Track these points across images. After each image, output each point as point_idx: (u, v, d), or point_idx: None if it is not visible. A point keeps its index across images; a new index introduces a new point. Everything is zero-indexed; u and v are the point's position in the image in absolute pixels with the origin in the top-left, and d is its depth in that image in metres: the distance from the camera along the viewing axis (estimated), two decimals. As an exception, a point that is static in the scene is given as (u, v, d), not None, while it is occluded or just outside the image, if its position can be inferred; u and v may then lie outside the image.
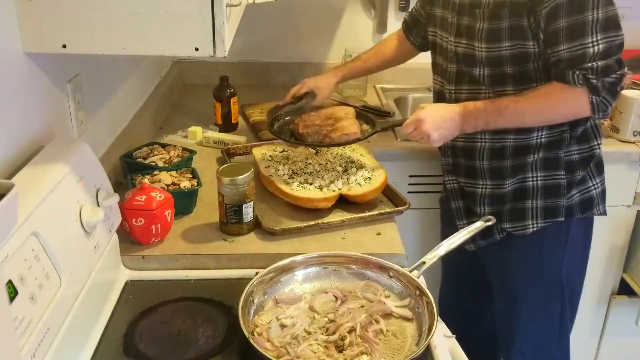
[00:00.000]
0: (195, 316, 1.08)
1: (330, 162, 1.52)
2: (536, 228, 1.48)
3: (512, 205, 1.50)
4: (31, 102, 1.05)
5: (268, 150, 1.60)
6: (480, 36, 1.39)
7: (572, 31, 1.28)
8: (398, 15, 2.28)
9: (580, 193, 1.49)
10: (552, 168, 1.46)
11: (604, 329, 2.17)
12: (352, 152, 1.59)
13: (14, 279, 0.78)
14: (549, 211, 1.47)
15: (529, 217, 1.49)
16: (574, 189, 1.48)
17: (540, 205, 1.48)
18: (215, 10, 0.94)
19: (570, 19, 1.27)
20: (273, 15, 2.25)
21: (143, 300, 1.13)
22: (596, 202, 1.52)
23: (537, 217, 1.48)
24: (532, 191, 1.48)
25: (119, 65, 1.61)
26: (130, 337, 1.03)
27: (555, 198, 1.47)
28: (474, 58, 1.42)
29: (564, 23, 1.28)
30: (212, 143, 1.76)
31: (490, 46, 1.38)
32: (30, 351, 0.80)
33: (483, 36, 1.38)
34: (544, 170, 1.47)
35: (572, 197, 1.48)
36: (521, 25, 1.33)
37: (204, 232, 1.30)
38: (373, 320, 1.05)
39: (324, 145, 1.51)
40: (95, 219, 1.00)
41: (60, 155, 1.00)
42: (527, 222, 1.49)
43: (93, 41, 0.97)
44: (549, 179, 1.47)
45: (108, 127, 1.51)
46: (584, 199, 1.50)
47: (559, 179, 1.46)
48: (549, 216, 1.48)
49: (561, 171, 1.46)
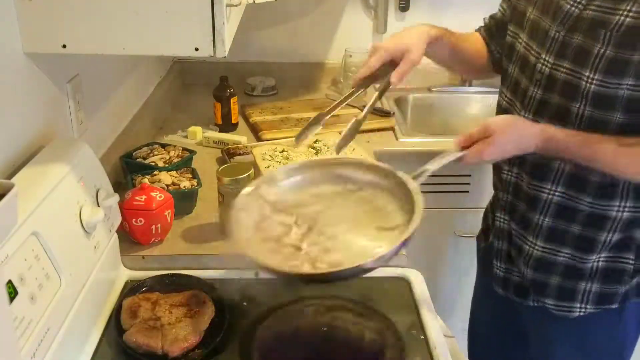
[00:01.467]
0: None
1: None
2: (583, 314, 1.22)
3: (562, 281, 1.23)
4: (31, 102, 1.05)
5: (268, 150, 1.60)
6: (595, 65, 1.07)
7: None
8: (398, 15, 2.28)
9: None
10: (621, 249, 1.18)
11: (604, 329, 2.16)
12: (352, 151, 1.57)
13: (14, 279, 0.78)
14: (603, 297, 1.21)
15: (577, 300, 1.22)
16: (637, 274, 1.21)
17: (595, 289, 1.21)
18: (215, 10, 0.94)
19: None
20: (273, 15, 2.25)
21: (143, 300, 1.13)
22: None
23: (588, 302, 1.22)
24: (589, 272, 1.20)
25: (119, 65, 1.61)
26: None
27: (615, 284, 1.21)
28: (577, 90, 1.09)
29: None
30: (212, 143, 1.76)
31: (606, 80, 1.06)
32: (30, 351, 0.80)
33: (600, 66, 1.06)
34: (611, 250, 1.18)
35: (632, 281, 1.21)
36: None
37: (204, 232, 1.29)
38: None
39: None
40: (95, 219, 1.00)
41: (60, 155, 1.00)
42: (575, 304, 1.22)
43: (93, 41, 0.97)
44: (614, 262, 1.19)
45: (108, 127, 1.51)
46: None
47: (626, 263, 1.19)
48: (602, 302, 1.21)
49: (631, 254, 1.19)
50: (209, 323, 1.02)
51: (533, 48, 1.18)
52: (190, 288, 1.10)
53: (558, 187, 1.17)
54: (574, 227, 1.18)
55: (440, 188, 1.86)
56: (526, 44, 1.21)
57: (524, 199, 1.23)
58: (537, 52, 1.17)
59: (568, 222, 1.18)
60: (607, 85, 1.06)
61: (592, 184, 1.14)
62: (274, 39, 2.30)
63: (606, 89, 1.06)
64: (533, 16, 1.19)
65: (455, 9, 2.19)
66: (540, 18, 1.17)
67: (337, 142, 1.16)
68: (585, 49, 1.08)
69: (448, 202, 1.89)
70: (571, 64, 1.10)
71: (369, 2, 2.26)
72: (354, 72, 2.17)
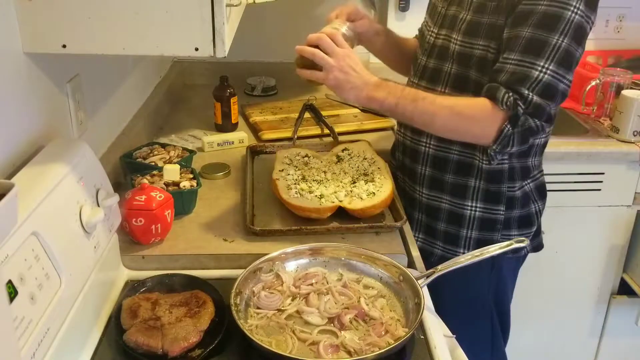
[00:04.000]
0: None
1: (344, 173, 1.47)
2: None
3: (447, 226, 1.45)
4: (31, 102, 1.05)
5: (290, 154, 1.57)
6: (459, 27, 1.33)
7: (531, 44, 1.20)
8: (398, 15, 2.29)
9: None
10: (492, 200, 1.40)
11: (604, 329, 2.17)
12: (372, 164, 1.51)
13: (14, 279, 0.78)
14: (482, 244, 1.28)
15: (460, 245, 1.44)
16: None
17: (475, 236, 1.43)
18: (215, 10, 0.94)
19: (535, 31, 1.20)
20: (273, 15, 2.25)
21: (143, 300, 1.13)
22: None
23: (469, 248, 1.42)
24: (468, 219, 1.42)
25: (119, 65, 1.61)
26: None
27: (490, 232, 1.42)
28: (447, 51, 1.35)
29: (528, 32, 1.20)
30: (216, 146, 1.74)
31: (465, 40, 1.32)
32: (30, 351, 0.80)
33: (462, 27, 1.32)
34: (484, 201, 1.40)
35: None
36: (499, 25, 1.26)
37: (204, 232, 1.29)
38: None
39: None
40: (95, 219, 1.00)
41: (60, 155, 1.00)
42: (459, 249, 1.44)
43: (93, 41, 0.97)
44: (488, 212, 1.41)
45: (108, 127, 1.51)
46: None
47: (497, 214, 1.41)
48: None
49: (501, 206, 1.40)
50: (209, 323, 1.02)
51: (429, 25, 1.46)
52: (190, 288, 1.10)
53: (432, 139, 1.41)
54: (448, 176, 1.42)
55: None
56: (427, 24, 1.48)
57: (409, 154, 1.49)
58: (429, 27, 1.44)
59: (442, 170, 1.42)
60: (464, 44, 1.32)
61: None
62: (274, 39, 2.30)
63: (464, 47, 1.32)
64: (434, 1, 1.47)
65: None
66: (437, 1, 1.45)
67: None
68: (455, 16, 1.35)
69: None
70: (446, 31, 1.37)
71: (369, 1, 2.26)
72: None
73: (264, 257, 1.15)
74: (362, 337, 1.00)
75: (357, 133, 1.86)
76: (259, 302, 1.07)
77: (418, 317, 0.99)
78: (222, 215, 1.36)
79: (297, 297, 1.09)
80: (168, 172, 1.34)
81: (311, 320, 1.04)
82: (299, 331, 1.01)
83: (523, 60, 1.21)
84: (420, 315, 1.00)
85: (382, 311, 1.06)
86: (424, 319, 1.06)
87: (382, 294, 1.11)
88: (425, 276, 1.12)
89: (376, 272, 1.15)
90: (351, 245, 1.20)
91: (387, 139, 1.85)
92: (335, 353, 0.97)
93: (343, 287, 1.11)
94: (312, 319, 1.04)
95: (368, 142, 1.65)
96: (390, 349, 0.94)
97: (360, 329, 1.03)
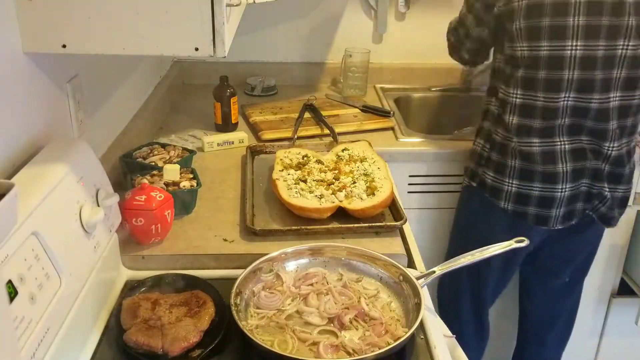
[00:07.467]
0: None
1: (344, 173, 1.47)
2: (465, 184, 1.71)
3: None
4: (31, 102, 1.05)
5: (291, 154, 1.57)
6: (629, 34, 1.44)
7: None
8: (398, 15, 2.29)
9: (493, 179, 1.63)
10: (477, 135, 1.67)
11: (604, 329, 2.17)
12: (372, 164, 1.52)
13: (14, 279, 0.78)
14: (473, 175, 1.67)
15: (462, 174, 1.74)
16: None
17: (469, 166, 1.69)
18: (215, 10, 0.94)
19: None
20: (273, 15, 2.25)
21: (143, 300, 1.12)
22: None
23: (466, 176, 1.70)
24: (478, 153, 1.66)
25: (119, 65, 1.61)
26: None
27: (476, 165, 1.66)
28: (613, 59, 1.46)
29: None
30: (216, 146, 1.74)
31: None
32: (30, 351, 0.80)
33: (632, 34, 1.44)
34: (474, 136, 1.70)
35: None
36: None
37: (204, 232, 1.29)
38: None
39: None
40: (95, 219, 1.00)
41: (60, 155, 1.00)
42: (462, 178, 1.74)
43: (93, 41, 0.97)
44: (475, 145, 1.68)
45: (108, 127, 1.51)
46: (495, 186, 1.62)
47: (482, 149, 1.63)
48: (472, 178, 1.68)
49: (481, 140, 1.64)
50: (209, 323, 1.02)
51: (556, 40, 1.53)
52: (190, 288, 1.10)
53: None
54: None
55: (442, 188, 1.87)
56: (559, 45, 1.53)
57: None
58: (574, 44, 1.51)
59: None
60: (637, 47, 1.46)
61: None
62: (274, 39, 2.30)
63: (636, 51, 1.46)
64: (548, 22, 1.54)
65: (455, 9, 2.18)
66: (555, 20, 1.50)
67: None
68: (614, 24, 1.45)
69: (448, 202, 1.89)
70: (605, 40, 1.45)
71: (369, 2, 2.26)
72: (353, 72, 2.17)
73: (264, 257, 1.15)
74: (362, 337, 1.00)
75: (357, 133, 1.86)
76: (259, 302, 1.08)
77: (418, 317, 0.99)
78: (222, 215, 1.36)
79: (297, 297, 1.09)
80: (168, 172, 1.35)
81: (311, 320, 1.04)
82: (299, 331, 1.01)
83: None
84: (420, 315, 1.00)
85: (382, 311, 1.06)
86: (424, 319, 1.06)
87: (382, 294, 1.12)
88: (425, 276, 1.12)
89: (376, 272, 1.15)
90: (351, 246, 1.20)
91: (387, 139, 1.86)
92: (335, 353, 0.97)
93: (343, 287, 1.11)
94: (312, 319, 1.04)
95: (368, 142, 1.65)
96: (390, 349, 0.94)
97: (360, 329, 1.03)
